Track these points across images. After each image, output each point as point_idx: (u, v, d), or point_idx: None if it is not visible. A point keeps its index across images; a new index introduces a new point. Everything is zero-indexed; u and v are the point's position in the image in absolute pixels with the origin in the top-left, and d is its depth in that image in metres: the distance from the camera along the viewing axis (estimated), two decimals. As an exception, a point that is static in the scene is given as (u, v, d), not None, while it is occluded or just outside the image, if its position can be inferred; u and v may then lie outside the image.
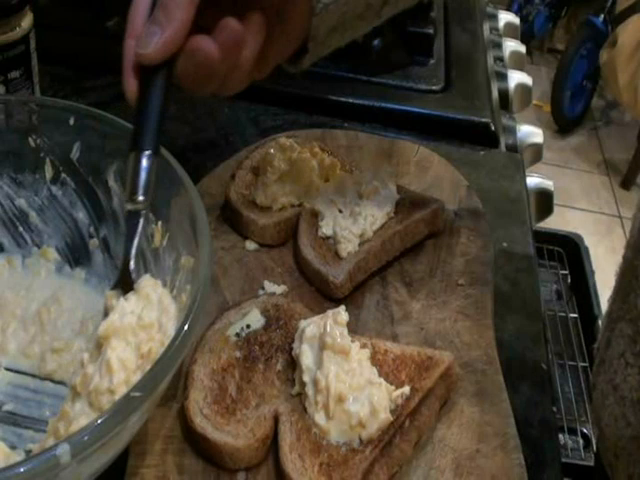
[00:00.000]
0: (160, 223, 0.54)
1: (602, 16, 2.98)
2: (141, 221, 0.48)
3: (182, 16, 0.48)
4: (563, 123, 3.16)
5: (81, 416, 0.44)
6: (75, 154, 0.58)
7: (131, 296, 0.48)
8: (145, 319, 0.46)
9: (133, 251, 0.48)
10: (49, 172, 0.60)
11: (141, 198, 0.47)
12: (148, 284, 0.48)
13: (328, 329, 0.52)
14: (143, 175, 0.47)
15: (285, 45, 0.55)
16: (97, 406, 0.44)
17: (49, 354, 0.55)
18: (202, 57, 0.49)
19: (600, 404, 0.60)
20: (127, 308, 0.46)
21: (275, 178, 0.67)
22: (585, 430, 1.10)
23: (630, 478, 0.57)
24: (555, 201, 0.96)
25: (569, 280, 1.30)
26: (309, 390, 0.51)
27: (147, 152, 0.47)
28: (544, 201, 0.94)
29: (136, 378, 0.44)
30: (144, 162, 0.47)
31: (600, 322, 1.14)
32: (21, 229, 0.61)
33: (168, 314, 0.47)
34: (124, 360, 0.44)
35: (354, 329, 0.56)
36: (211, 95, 0.54)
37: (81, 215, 0.60)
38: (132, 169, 0.47)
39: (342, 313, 0.54)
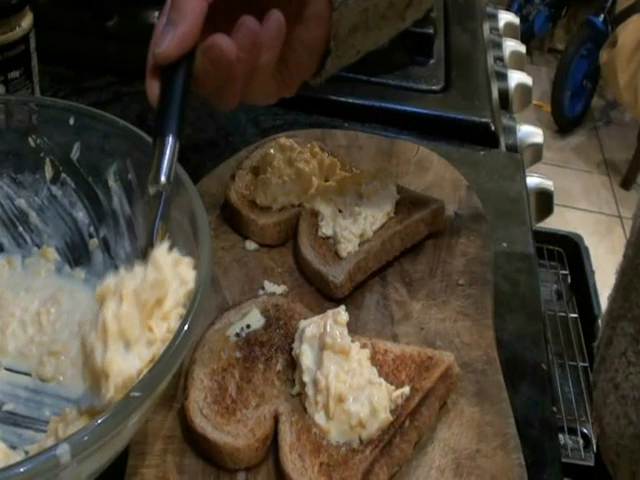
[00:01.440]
0: (160, 222, 0.54)
1: (602, 16, 2.97)
2: (162, 203, 0.49)
3: (193, 11, 0.49)
4: (563, 123, 3.16)
5: (79, 419, 0.44)
6: (75, 154, 0.58)
7: (137, 267, 0.47)
8: (149, 280, 0.45)
9: (155, 234, 0.49)
10: (49, 172, 0.60)
11: (163, 179, 0.48)
12: (158, 252, 0.47)
13: (328, 329, 0.52)
14: (165, 159, 0.48)
15: (307, 50, 0.55)
16: (95, 383, 0.43)
17: (46, 356, 0.55)
18: (218, 53, 0.49)
19: (601, 403, 0.60)
20: (127, 274, 0.46)
21: (275, 178, 0.67)
22: (585, 430, 1.10)
23: (633, 476, 0.57)
24: (555, 201, 0.96)
25: (569, 280, 1.30)
26: (309, 390, 0.51)
27: (169, 137, 0.48)
28: (544, 201, 0.94)
29: (136, 333, 0.43)
30: (166, 146, 0.48)
31: (600, 321, 1.14)
32: (21, 229, 0.61)
33: (184, 280, 0.46)
34: (120, 315, 0.43)
35: (354, 329, 0.56)
36: (238, 105, 0.54)
37: (81, 215, 0.60)
38: (155, 153, 0.48)
39: (342, 313, 0.54)
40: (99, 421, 0.38)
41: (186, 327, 0.43)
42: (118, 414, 0.39)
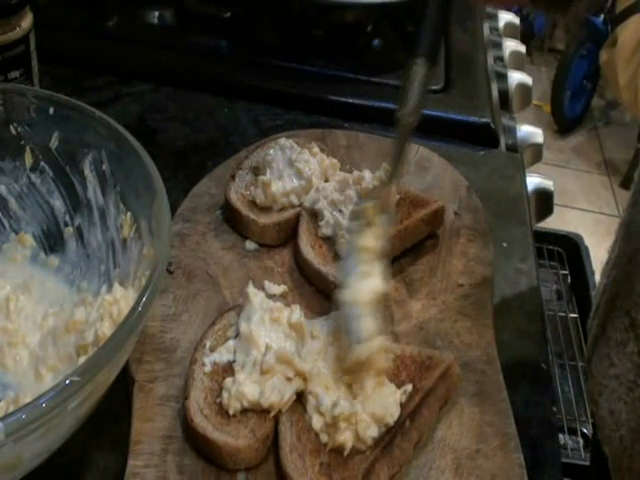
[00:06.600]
0: (129, 214, 0.55)
1: (602, 16, 2.97)
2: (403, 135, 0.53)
3: None
4: (563, 123, 3.15)
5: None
6: (54, 143, 0.59)
7: None
8: None
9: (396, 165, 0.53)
10: (29, 160, 0.60)
11: (407, 108, 0.52)
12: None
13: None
14: (411, 87, 0.52)
15: None
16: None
17: (7, 347, 0.54)
18: None
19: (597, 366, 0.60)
20: None
21: (275, 178, 0.67)
22: (585, 430, 1.10)
23: (611, 413, 0.59)
24: (555, 201, 0.96)
25: (569, 280, 1.30)
26: (309, 391, 0.51)
27: (419, 61, 0.53)
28: (544, 201, 0.94)
29: None
30: (414, 73, 0.52)
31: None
32: (0, 215, 0.61)
33: None
34: None
35: (354, 329, 0.56)
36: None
37: (57, 203, 0.61)
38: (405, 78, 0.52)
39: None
40: (35, 403, 0.38)
41: (139, 309, 0.43)
42: (55, 397, 0.39)
